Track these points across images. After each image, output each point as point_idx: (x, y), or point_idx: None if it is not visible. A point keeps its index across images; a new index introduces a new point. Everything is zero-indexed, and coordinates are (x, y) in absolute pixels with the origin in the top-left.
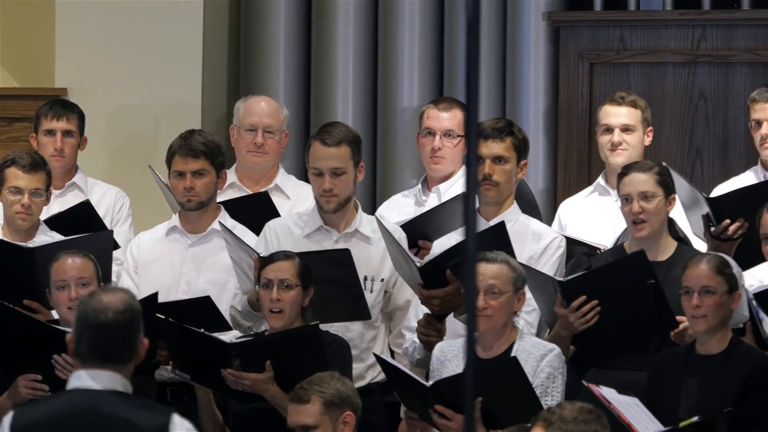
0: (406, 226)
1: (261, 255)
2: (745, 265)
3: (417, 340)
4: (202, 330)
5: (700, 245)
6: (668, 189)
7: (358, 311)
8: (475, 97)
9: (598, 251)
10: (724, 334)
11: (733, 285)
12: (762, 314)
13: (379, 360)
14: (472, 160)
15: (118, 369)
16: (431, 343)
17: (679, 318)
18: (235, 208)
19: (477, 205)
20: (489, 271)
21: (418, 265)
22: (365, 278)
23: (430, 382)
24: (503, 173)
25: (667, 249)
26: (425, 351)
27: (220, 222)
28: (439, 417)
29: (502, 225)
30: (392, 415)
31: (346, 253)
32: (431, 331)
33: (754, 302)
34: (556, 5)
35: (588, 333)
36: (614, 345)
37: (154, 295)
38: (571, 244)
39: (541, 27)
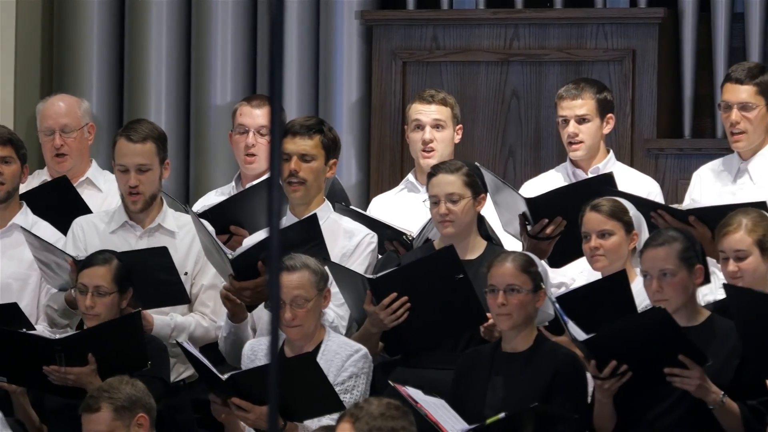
0: (213, 212)
1: (76, 258)
2: (561, 262)
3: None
4: (24, 329)
5: (511, 241)
6: (476, 189)
7: (178, 296)
8: (279, 95)
9: (404, 237)
10: (529, 332)
11: (538, 283)
12: (566, 317)
13: (183, 348)
14: (276, 158)
15: None
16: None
17: (489, 315)
18: (36, 198)
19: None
20: (292, 281)
21: (230, 256)
22: None
23: (226, 375)
24: (310, 171)
25: (477, 248)
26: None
27: (22, 228)
28: (237, 409)
29: (313, 217)
30: (201, 413)
31: (163, 250)
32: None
33: (557, 305)
34: (369, 4)
35: (398, 329)
36: (425, 340)
37: None
38: (378, 227)
39: (354, 26)
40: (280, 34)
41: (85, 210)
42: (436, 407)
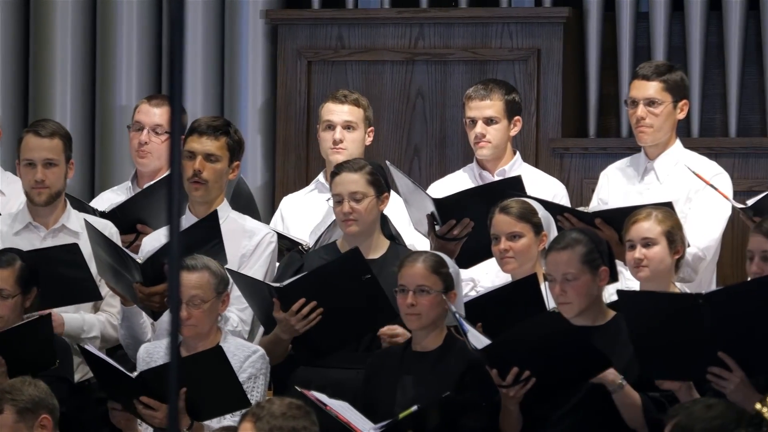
0: (116, 212)
1: None
2: (469, 263)
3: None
4: None
5: (421, 241)
6: (380, 188)
7: (90, 293)
8: (179, 95)
9: (299, 247)
10: (439, 332)
11: (449, 284)
12: (467, 326)
13: (83, 351)
14: (176, 158)
15: None
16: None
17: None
18: None
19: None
20: (191, 281)
21: (139, 261)
22: None
23: (136, 374)
24: (214, 171)
25: (380, 247)
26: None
27: None
28: (144, 408)
29: (214, 214)
30: (104, 412)
31: (74, 247)
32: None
33: (457, 314)
34: (274, 3)
35: (309, 333)
36: (337, 342)
37: None
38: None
39: (259, 25)
40: (181, 34)
41: None
42: (343, 409)
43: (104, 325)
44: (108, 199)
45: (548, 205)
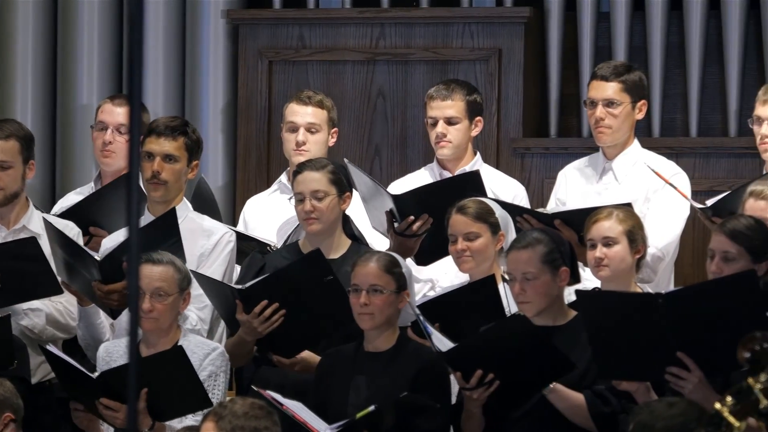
0: (71, 213)
1: None
2: (428, 261)
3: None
4: None
5: (381, 241)
6: (342, 187)
7: (51, 287)
8: (138, 95)
9: (268, 247)
10: (392, 332)
11: (402, 284)
12: (430, 328)
13: (45, 351)
14: (134, 158)
15: None
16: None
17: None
18: None
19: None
20: (155, 273)
21: (98, 259)
22: None
23: (97, 374)
24: (172, 172)
25: (341, 247)
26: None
27: None
28: (105, 409)
29: (172, 211)
30: (66, 412)
31: (32, 240)
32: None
33: (420, 317)
34: (235, 3)
35: (272, 335)
36: (301, 343)
37: None
38: (241, 239)
39: (220, 25)
40: (140, 34)
41: None
42: (298, 409)
43: (49, 309)
44: (74, 200)
45: (507, 207)
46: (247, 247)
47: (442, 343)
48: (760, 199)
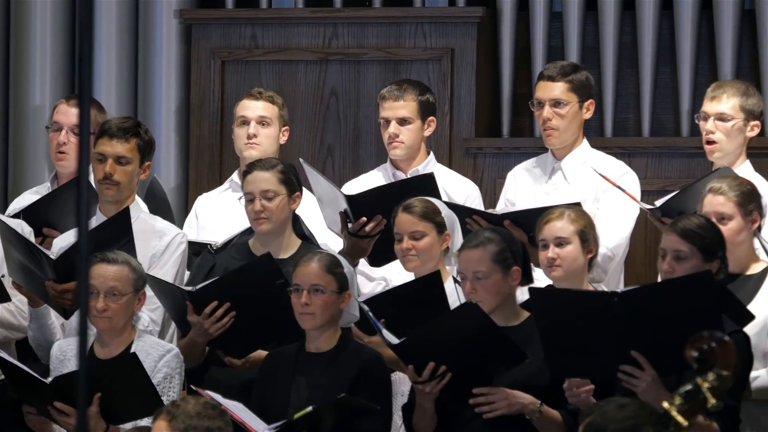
0: (25, 213)
1: None
2: (382, 261)
3: None
4: None
5: (332, 240)
6: (292, 187)
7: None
8: (88, 96)
9: (208, 246)
10: (333, 333)
11: (343, 284)
12: (380, 324)
13: None
14: (83, 159)
15: None
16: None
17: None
18: None
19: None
20: (110, 272)
21: (53, 257)
22: None
23: (50, 379)
24: (125, 174)
25: (290, 247)
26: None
27: None
28: (59, 413)
29: (125, 211)
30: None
31: None
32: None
33: (369, 313)
34: (188, 3)
35: (224, 336)
36: (252, 345)
37: None
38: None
39: (173, 25)
40: (90, 34)
41: None
42: (238, 409)
43: (0, 310)
44: (29, 199)
45: (456, 208)
46: (190, 250)
47: (391, 338)
48: (719, 194)
